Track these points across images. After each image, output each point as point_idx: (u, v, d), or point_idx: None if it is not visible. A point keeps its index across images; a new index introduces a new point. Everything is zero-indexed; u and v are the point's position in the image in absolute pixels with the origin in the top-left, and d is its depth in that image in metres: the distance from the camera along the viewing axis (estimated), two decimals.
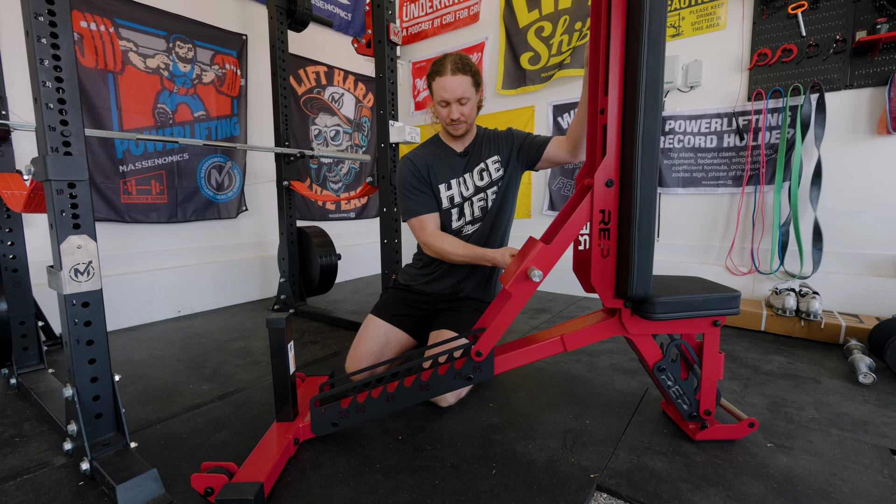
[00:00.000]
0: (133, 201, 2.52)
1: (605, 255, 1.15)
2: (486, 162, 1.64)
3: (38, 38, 1.03)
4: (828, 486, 1.07)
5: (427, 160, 1.65)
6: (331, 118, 3.65)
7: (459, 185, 1.65)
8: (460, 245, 1.54)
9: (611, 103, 1.09)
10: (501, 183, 1.64)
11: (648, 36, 1.01)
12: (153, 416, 1.45)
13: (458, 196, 1.65)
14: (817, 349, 2.02)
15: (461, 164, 1.65)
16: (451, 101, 1.52)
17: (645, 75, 1.02)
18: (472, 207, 1.65)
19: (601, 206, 1.13)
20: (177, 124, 2.67)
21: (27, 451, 1.26)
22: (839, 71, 2.26)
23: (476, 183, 1.64)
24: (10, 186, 1.57)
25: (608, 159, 1.10)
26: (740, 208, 2.60)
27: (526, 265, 1.15)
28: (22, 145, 2.06)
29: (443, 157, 1.66)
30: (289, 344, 1.25)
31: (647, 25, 1.01)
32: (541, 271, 1.13)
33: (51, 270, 1.13)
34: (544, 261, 1.16)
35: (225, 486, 1.00)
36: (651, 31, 1.01)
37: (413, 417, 1.41)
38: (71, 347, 1.11)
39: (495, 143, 1.66)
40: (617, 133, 1.10)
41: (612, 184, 1.11)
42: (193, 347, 2.14)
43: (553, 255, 1.16)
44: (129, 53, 2.44)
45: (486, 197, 1.64)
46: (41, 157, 1.07)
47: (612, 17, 1.06)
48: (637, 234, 1.07)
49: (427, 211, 1.63)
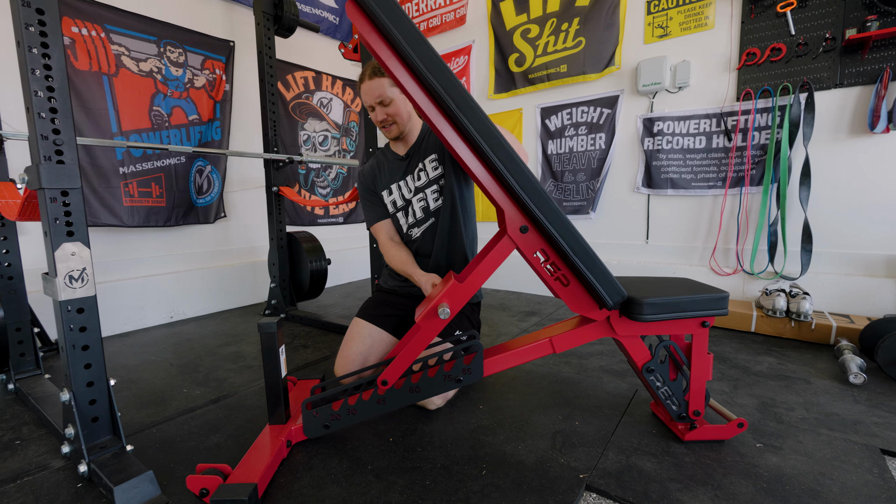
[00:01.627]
0: (135, 204, 2.54)
1: (566, 283, 1.20)
2: (423, 162, 1.62)
3: (30, 48, 1.05)
4: (817, 486, 1.08)
5: (373, 170, 1.71)
6: (319, 123, 3.67)
7: (400, 189, 1.66)
8: (400, 260, 1.59)
9: (478, 173, 1.14)
10: (442, 180, 1.60)
11: (461, 110, 1.05)
12: (148, 420, 1.47)
13: (399, 199, 1.67)
14: (808, 350, 2.04)
15: (402, 168, 1.66)
16: (374, 105, 1.54)
17: (485, 141, 1.07)
18: (414, 209, 1.65)
19: (533, 251, 1.18)
20: (172, 127, 2.69)
21: (26, 455, 1.28)
22: (829, 70, 2.28)
23: (414, 184, 1.64)
24: (4, 195, 1.58)
25: (509, 212, 1.16)
26: (723, 209, 2.62)
27: (437, 301, 1.19)
28: (13, 154, 2.07)
29: (385, 164, 1.69)
30: (280, 348, 1.26)
31: (451, 100, 1.05)
32: (450, 309, 1.18)
33: (46, 277, 1.14)
34: (454, 299, 1.20)
35: (220, 488, 1.01)
36: (460, 105, 1.05)
37: (404, 420, 1.43)
38: (67, 353, 1.13)
39: (434, 141, 1.63)
40: (500, 189, 1.15)
41: (527, 229, 1.16)
42: (186, 352, 2.16)
43: (464, 295, 1.20)
44: (121, 57, 2.46)
45: (426, 197, 1.63)
46: (34, 166, 1.08)
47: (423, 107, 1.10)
48: (575, 256, 1.12)
49: (378, 219, 1.70)
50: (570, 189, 3.21)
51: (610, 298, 1.15)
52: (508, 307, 2.96)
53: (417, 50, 1.01)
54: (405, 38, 1.00)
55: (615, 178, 3.02)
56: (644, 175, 2.87)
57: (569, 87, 3.16)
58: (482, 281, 1.20)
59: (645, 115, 2.83)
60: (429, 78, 1.02)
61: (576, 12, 3.01)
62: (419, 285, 1.50)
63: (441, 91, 1.03)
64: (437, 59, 1.02)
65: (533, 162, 3.39)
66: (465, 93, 1.05)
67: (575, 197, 3.20)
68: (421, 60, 1.01)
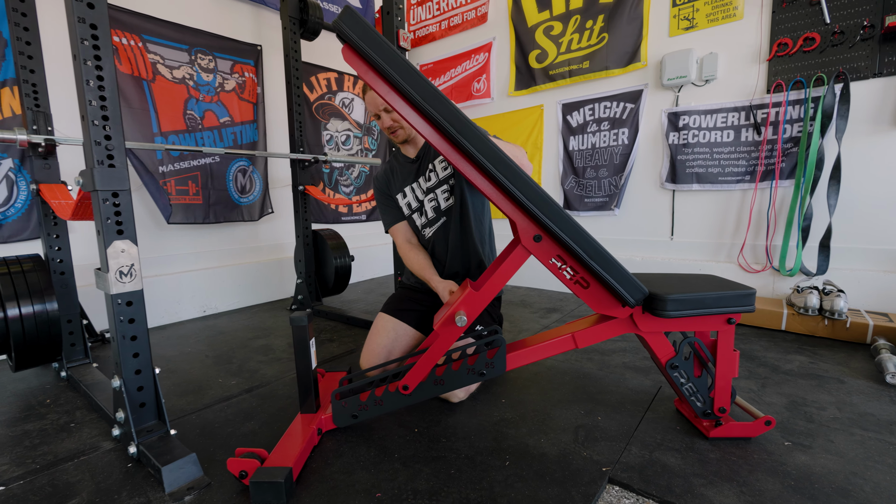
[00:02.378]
0: (174, 202, 2.68)
1: (586, 285, 1.21)
2: (433, 163, 1.65)
3: (85, 60, 1.13)
4: (848, 485, 1.06)
5: (387, 174, 1.76)
6: (342, 123, 3.75)
7: (413, 191, 1.70)
8: (418, 265, 1.65)
9: (486, 189, 1.16)
10: (452, 180, 1.63)
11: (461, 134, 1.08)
12: (188, 407, 1.56)
13: (413, 201, 1.71)
14: (842, 349, 1.98)
15: (413, 171, 1.69)
16: (379, 112, 1.57)
17: (488, 160, 1.09)
18: (426, 209, 1.68)
19: (548, 257, 1.19)
20: (205, 129, 2.82)
21: (80, 436, 1.38)
22: (867, 59, 2.19)
23: (425, 185, 1.67)
24: (58, 196, 1.70)
25: (521, 223, 1.18)
26: (753, 204, 2.55)
27: (454, 309, 1.22)
28: (63, 158, 2.21)
29: (398, 168, 1.74)
30: (311, 340, 1.32)
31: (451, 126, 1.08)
32: (467, 317, 1.21)
33: (98, 272, 1.23)
34: (471, 307, 1.23)
35: (258, 470, 1.08)
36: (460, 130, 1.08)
37: (428, 411, 1.47)
38: (117, 342, 1.22)
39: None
40: (509, 202, 1.17)
41: (541, 237, 1.18)
42: (219, 345, 2.26)
43: (481, 302, 1.23)
44: (157, 65, 2.60)
45: (437, 197, 1.66)
46: (89, 170, 1.17)
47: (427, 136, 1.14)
48: (591, 260, 1.13)
49: (394, 222, 1.75)
50: (592, 185, 3.19)
51: (630, 297, 1.16)
52: (529, 304, 2.97)
53: (413, 84, 1.05)
54: (400, 74, 1.05)
55: (639, 174, 2.99)
56: (669, 170, 2.83)
57: (591, 83, 3.13)
58: (498, 288, 1.23)
59: (670, 110, 2.78)
60: (426, 108, 1.06)
61: (600, 9, 2.98)
62: (436, 291, 1.56)
63: (440, 119, 1.07)
64: (432, 90, 1.06)
65: (554, 158, 3.38)
66: (463, 117, 1.08)
67: (597, 193, 3.17)
68: (417, 93, 1.06)
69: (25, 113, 1.71)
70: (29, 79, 1.71)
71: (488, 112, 3.72)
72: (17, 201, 2.17)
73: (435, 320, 1.32)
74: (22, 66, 1.69)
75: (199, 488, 1.11)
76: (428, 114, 1.08)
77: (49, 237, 1.80)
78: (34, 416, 1.52)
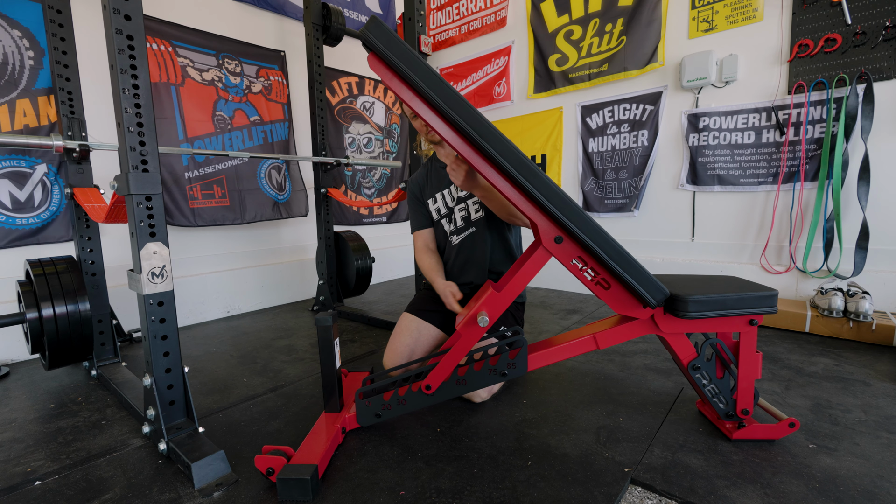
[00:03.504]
0: (199, 206, 2.74)
1: (607, 286, 1.21)
2: None
3: (122, 70, 1.17)
4: (874, 488, 1.05)
5: (421, 178, 1.79)
6: (363, 126, 3.80)
7: (444, 198, 1.73)
8: (428, 266, 1.72)
9: (507, 191, 1.18)
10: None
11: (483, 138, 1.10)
12: (214, 406, 1.60)
13: (443, 207, 1.74)
14: (867, 351, 1.95)
15: (445, 177, 1.71)
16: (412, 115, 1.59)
17: (510, 163, 1.11)
18: (455, 217, 1.71)
19: (569, 259, 1.21)
20: (235, 129, 2.87)
21: (112, 433, 1.43)
22: (889, 59, 2.16)
23: (457, 194, 1.70)
24: (91, 200, 1.76)
25: (542, 224, 1.19)
26: (776, 205, 2.52)
27: (476, 310, 1.23)
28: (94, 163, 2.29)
29: (433, 172, 1.76)
30: (335, 341, 1.35)
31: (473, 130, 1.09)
32: (489, 317, 1.22)
33: (131, 274, 1.28)
34: (493, 307, 1.24)
35: (284, 467, 1.10)
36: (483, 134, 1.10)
37: (450, 411, 1.49)
38: (149, 342, 1.26)
39: None
40: (531, 204, 1.18)
41: (562, 239, 1.19)
42: (244, 345, 2.31)
43: (502, 303, 1.25)
44: (186, 68, 2.67)
45: (467, 207, 1.69)
46: (124, 174, 1.21)
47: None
48: (612, 261, 1.14)
49: (418, 227, 1.80)
50: (612, 187, 3.18)
51: (652, 297, 1.16)
52: (549, 305, 2.97)
53: (436, 90, 1.08)
54: (424, 80, 1.08)
55: (659, 175, 2.97)
56: (689, 171, 2.81)
57: (609, 85, 3.13)
58: (520, 289, 1.24)
59: (690, 111, 2.77)
60: (450, 113, 1.09)
61: (619, 12, 2.98)
62: (438, 292, 1.60)
63: (462, 123, 1.09)
64: (453, 94, 1.09)
65: (573, 160, 3.39)
66: (484, 121, 1.10)
67: (617, 195, 3.16)
68: (441, 98, 1.08)
69: (61, 119, 1.78)
70: (65, 87, 1.78)
71: (508, 114, 3.74)
72: (52, 205, 2.25)
73: (458, 321, 1.33)
74: (59, 74, 1.76)
75: (228, 484, 1.14)
76: (450, 118, 1.10)
77: (82, 239, 1.86)
78: (67, 413, 1.58)
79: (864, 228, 2.23)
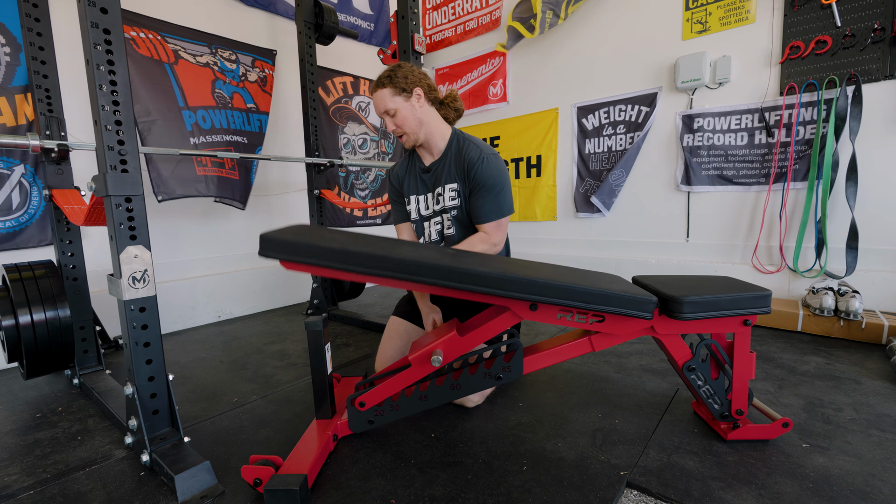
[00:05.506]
0: (208, 173, 2.64)
1: (601, 320, 1.20)
2: (444, 186, 1.56)
3: (98, 65, 1.12)
4: (866, 487, 1.06)
5: (401, 171, 1.68)
6: (358, 127, 3.76)
7: (419, 202, 1.64)
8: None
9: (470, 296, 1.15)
10: (457, 212, 1.56)
11: (417, 275, 1.08)
12: (202, 414, 1.55)
13: (415, 213, 1.66)
14: (858, 350, 1.96)
15: (425, 182, 1.62)
16: (383, 116, 1.54)
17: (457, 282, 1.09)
18: (430, 229, 1.63)
19: (552, 316, 1.19)
20: (235, 109, 2.79)
21: (93, 444, 1.38)
22: (878, 61, 2.19)
23: (432, 205, 1.62)
24: (70, 202, 1.71)
25: (513, 306, 1.18)
26: (766, 206, 2.54)
27: (433, 346, 1.21)
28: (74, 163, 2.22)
29: (412, 169, 1.66)
30: (326, 345, 1.31)
31: (408, 273, 1.08)
32: (443, 359, 1.20)
33: (111, 278, 1.23)
34: (450, 350, 1.23)
35: (272, 478, 1.07)
36: (415, 272, 1.11)
37: (444, 416, 1.46)
38: (130, 349, 1.21)
39: (459, 170, 1.54)
40: (496, 298, 1.15)
41: (536, 306, 1.18)
42: (234, 350, 2.26)
43: (461, 348, 1.23)
44: (179, 52, 2.58)
45: (442, 222, 1.61)
46: (101, 175, 1.16)
47: None
48: (591, 306, 1.13)
49: (401, 221, 1.72)
50: (606, 187, 3.19)
51: (645, 312, 1.15)
52: None
53: (349, 260, 1.05)
54: (341, 263, 1.05)
55: (654, 176, 2.98)
56: (683, 172, 2.83)
57: (605, 84, 3.12)
58: (482, 341, 1.23)
59: (684, 112, 2.78)
60: (375, 272, 1.07)
61: None
62: (422, 313, 1.57)
63: (392, 275, 1.07)
64: (373, 257, 1.06)
65: (569, 162, 3.39)
66: (414, 259, 1.07)
67: (610, 195, 3.18)
68: (358, 265, 1.06)
69: (38, 118, 1.71)
70: (42, 84, 1.71)
71: (504, 115, 3.74)
72: (31, 207, 2.18)
73: (411, 349, 1.29)
74: (35, 71, 1.70)
75: (213, 497, 1.10)
76: (379, 274, 1.08)
77: (62, 243, 1.80)
78: (46, 424, 1.52)
79: (853, 228, 2.25)
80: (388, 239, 1.38)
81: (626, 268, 3.07)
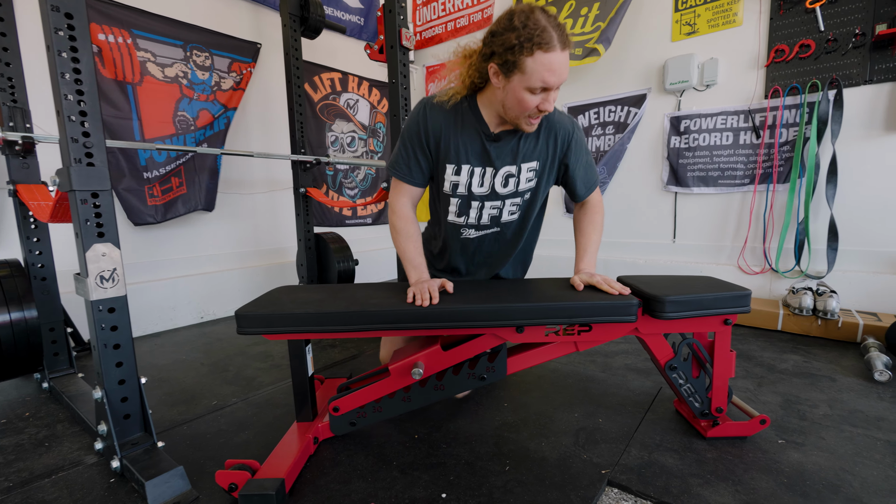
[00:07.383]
0: (158, 203, 2.58)
1: (588, 328, 1.22)
2: (520, 165, 1.28)
3: (59, 52, 1.06)
4: (838, 481, 1.08)
5: (443, 122, 1.26)
6: (346, 124, 3.70)
7: (472, 176, 1.28)
8: (403, 242, 1.32)
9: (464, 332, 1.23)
10: (529, 195, 1.34)
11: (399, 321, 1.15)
12: (179, 418, 1.50)
13: (463, 187, 1.30)
14: (834, 348, 2.00)
15: (485, 151, 1.26)
16: (553, 88, 1.12)
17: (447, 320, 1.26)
18: (481, 212, 1.34)
19: (540, 335, 1.23)
20: (198, 129, 2.71)
21: (61, 451, 1.32)
22: (858, 66, 2.22)
23: (496, 186, 1.29)
24: (37, 197, 1.63)
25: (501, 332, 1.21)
26: (752, 207, 2.57)
27: (415, 358, 1.21)
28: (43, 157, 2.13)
29: (466, 129, 1.26)
30: (307, 347, 1.28)
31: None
32: (423, 371, 1.20)
33: (78, 278, 1.18)
34: (432, 363, 1.23)
35: (248, 482, 1.04)
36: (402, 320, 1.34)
37: (429, 416, 1.44)
38: (99, 351, 1.16)
39: (550, 143, 1.27)
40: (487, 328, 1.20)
41: (523, 328, 1.20)
42: (216, 352, 2.20)
43: (443, 363, 1.23)
44: (147, 64, 2.49)
45: (502, 206, 1.33)
46: (65, 169, 1.10)
47: None
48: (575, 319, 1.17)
49: (409, 180, 1.33)
50: None
51: (628, 315, 1.16)
52: None
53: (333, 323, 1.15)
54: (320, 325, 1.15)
55: (642, 177, 2.99)
56: (670, 173, 2.85)
57: (596, 85, 3.12)
58: (465, 357, 1.23)
59: (672, 114, 2.80)
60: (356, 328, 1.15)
61: None
62: (408, 278, 1.30)
63: (374, 327, 1.15)
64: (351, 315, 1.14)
65: None
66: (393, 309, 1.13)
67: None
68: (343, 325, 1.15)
69: (1, 109, 1.63)
70: (4, 72, 1.62)
71: None
72: None
73: (392, 358, 1.26)
74: None
75: (186, 503, 1.06)
76: (357, 330, 1.14)
77: (28, 241, 1.73)
78: (11, 430, 1.46)
79: (832, 229, 2.29)
80: (370, 286, 1.39)
81: (614, 268, 3.08)
